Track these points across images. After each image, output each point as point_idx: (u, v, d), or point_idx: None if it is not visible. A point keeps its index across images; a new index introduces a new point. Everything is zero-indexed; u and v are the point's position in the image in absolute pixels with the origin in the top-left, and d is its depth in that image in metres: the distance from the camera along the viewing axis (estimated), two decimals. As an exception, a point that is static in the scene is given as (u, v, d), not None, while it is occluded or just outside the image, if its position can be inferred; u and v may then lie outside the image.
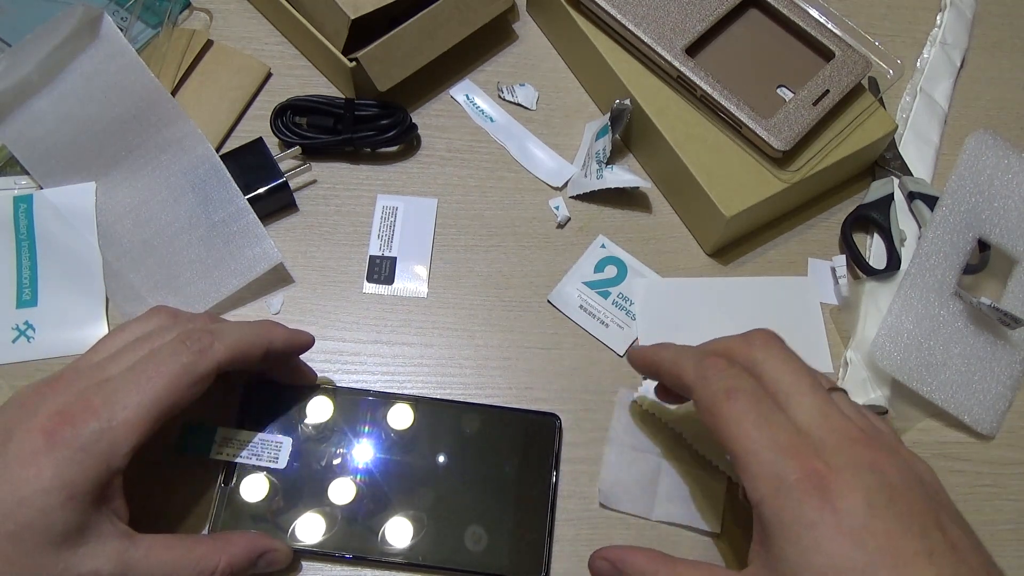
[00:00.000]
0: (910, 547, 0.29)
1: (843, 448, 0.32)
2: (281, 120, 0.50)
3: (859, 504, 0.30)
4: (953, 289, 0.48)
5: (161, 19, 0.52)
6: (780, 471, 0.31)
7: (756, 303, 0.49)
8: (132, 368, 0.34)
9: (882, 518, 0.30)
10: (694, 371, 0.36)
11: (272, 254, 0.46)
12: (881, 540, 0.29)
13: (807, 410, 0.33)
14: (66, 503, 0.31)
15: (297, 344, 0.40)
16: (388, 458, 0.41)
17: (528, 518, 0.41)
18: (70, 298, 0.46)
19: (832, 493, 0.30)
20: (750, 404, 0.33)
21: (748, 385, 0.34)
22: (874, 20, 0.59)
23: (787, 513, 0.31)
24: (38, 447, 0.31)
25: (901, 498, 0.31)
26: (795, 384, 0.34)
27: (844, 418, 0.33)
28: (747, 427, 0.33)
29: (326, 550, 0.39)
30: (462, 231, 0.50)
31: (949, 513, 0.32)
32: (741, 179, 0.47)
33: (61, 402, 0.32)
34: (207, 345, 0.35)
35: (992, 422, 0.47)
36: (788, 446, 0.32)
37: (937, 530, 0.30)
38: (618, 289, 0.49)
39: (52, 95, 0.46)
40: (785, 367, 0.35)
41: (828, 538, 0.29)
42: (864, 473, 0.31)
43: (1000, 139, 0.51)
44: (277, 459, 0.41)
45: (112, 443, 0.32)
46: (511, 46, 0.56)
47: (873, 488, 0.30)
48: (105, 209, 0.47)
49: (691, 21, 0.49)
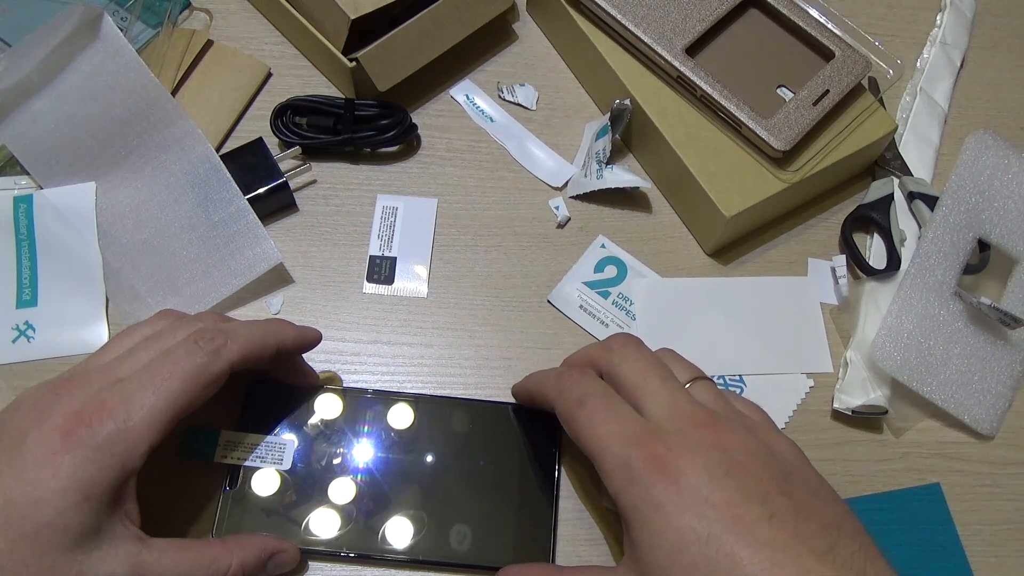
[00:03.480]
0: (751, 513, 0.30)
1: (687, 432, 0.33)
2: (281, 120, 0.50)
3: (699, 479, 0.31)
4: (953, 289, 0.48)
5: (161, 19, 0.52)
6: (628, 460, 0.33)
7: (756, 303, 0.49)
8: (146, 368, 0.34)
9: (722, 489, 0.31)
10: (554, 387, 0.38)
11: (272, 254, 0.46)
12: (722, 510, 0.30)
13: (657, 403, 0.35)
14: (82, 504, 0.31)
15: (307, 341, 0.40)
16: (391, 456, 0.41)
17: (533, 513, 0.41)
18: (70, 298, 0.46)
19: (674, 473, 0.31)
20: (599, 406, 0.35)
21: (598, 389, 0.36)
22: (874, 20, 0.59)
23: (638, 499, 0.32)
24: (55, 447, 0.31)
25: (742, 469, 0.32)
26: (646, 380, 0.36)
27: (693, 405, 0.34)
28: (597, 426, 0.34)
29: (332, 549, 0.39)
30: (462, 231, 0.50)
31: (802, 481, 0.33)
32: (741, 179, 0.47)
33: (77, 403, 0.32)
34: (220, 345, 0.35)
35: (992, 422, 0.47)
36: (634, 436, 0.33)
37: (782, 496, 0.31)
38: (618, 289, 0.49)
39: (52, 95, 0.46)
40: (637, 366, 0.36)
41: (674, 515, 0.31)
42: (705, 451, 0.32)
43: (1000, 139, 0.51)
44: (282, 461, 0.41)
45: (128, 444, 0.32)
46: (511, 46, 0.56)
47: (713, 463, 0.32)
48: (105, 209, 0.47)
49: (691, 21, 0.49)
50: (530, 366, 0.46)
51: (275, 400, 0.42)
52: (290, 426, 0.41)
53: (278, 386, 0.42)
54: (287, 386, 0.42)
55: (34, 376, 0.44)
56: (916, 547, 0.43)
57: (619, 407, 0.35)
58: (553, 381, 0.38)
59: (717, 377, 0.47)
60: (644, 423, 0.34)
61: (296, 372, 0.42)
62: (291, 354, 0.40)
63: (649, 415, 0.34)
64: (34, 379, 0.44)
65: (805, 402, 0.47)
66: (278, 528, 0.39)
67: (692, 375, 0.37)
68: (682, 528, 0.30)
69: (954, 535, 0.44)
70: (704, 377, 0.38)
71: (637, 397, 0.35)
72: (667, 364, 0.37)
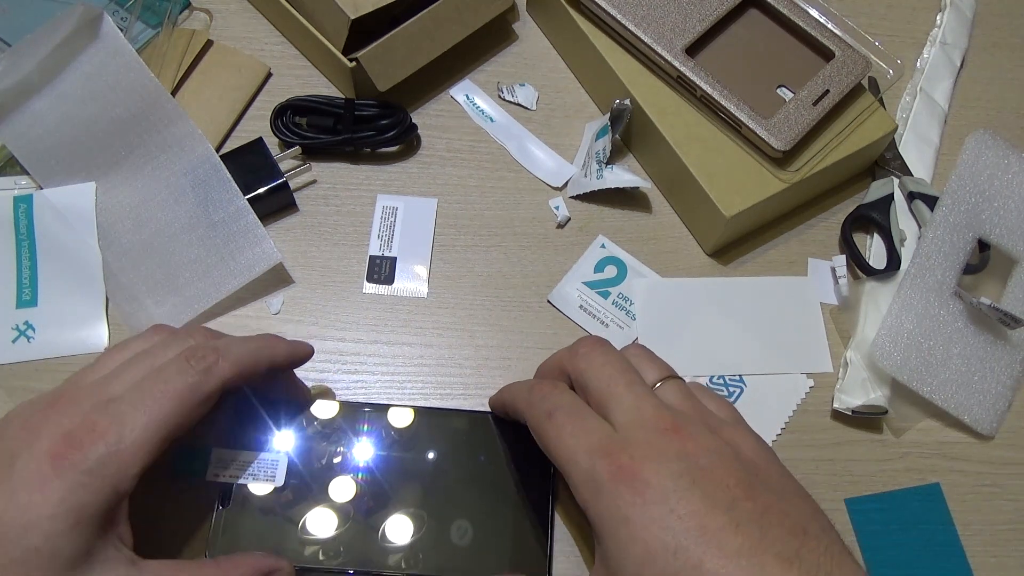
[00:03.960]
0: (716, 522, 0.30)
1: (651, 440, 0.33)
2: (281, 120, 0.50)
3: (665, 490, 0.31)
4: (953, 289, 0.48)
5: (161, 19, 0.52)
6: (594, 473, 0.32)
7: (756, 303, 0.49)
8: (138, 387, 0.33)
9: (687, 500, 0.31)
10: (525, 401, 0.38)
11: (272, 254, 0.46)
12: (687, 521, 0.30)
13: (623, 410, 0.34)
14: (73, 528, 0.30)
15: (298, 357, 0.40)
16: (386, 470, 0.41)
17: (530, 520, 0.40)
18: (70, 298, 0.46)
19: (639, 484, 0.31)
20: (567, 418, 0.35)
21: (566, 401, 0.36)
22: (874, 20, 0.59)
23: (605, 512, 0.32)
24: (45, 472, 0.30)
25: (706, 477, 0.32)
26: (611, 387, 0.35)
27: (659, 410, 0.34)
28: (565, 439, 0.34)
29: (327, 566, 0.39)
30: (462, 231, 0.50)
31: (767, 482, 0.33)
32: (741, 179, 0.47)
33: (67, 424, 0.32)
34: (212, 363, 0.34)
35: (992, 422, 0.47)
36: (600, 448, 0.33)
37: (747, 500, 0.31)
38: (618, 289, 0.49)
39: (52, 95, 0.46)
40: (603, 372, 0.36)
41: (640, 527, 0.31)
42: (669, 461, 0.32)
43: (1000, 139, 0.51)
44: (274, 476, 0.40)
45: (120, 466, 0.31)
46: (511, 46, 0.56)
47: (677, 473, 0.32)
48: (105, 209, 0.47)
49: (691, 21, 0.49)
50: (530, 366, 0.46)
51: (267, 416, 0.41)
52: (282, 442, 0.41)
53: (270, 401, 0.41)
54: (279, 401, 0.41)
55: (34, 376, 0.44)
56: (916, 547, 0.43)
57: (586, 418, 0.35)
58: (524, 394, 0.38)
59: (717, 377, 0.47)
60: (610, 433, 0.34)
61: (288, 387, 0.42)
62: (283, 370, 0.40)
63: (616, 423, 0.34)
64: (34, 379, 0.44)
65: (805, 402, 0.47)
66: (273, 546, 0.39)
67: (661, 374, 0.37)
68: (649, 540, 0.30)
69: (954, 535, 0.44)
70: (673, 376, 0.37)
71: (604, 404, 0.35)
72: (636, 365, 0.37)
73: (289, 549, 0.39)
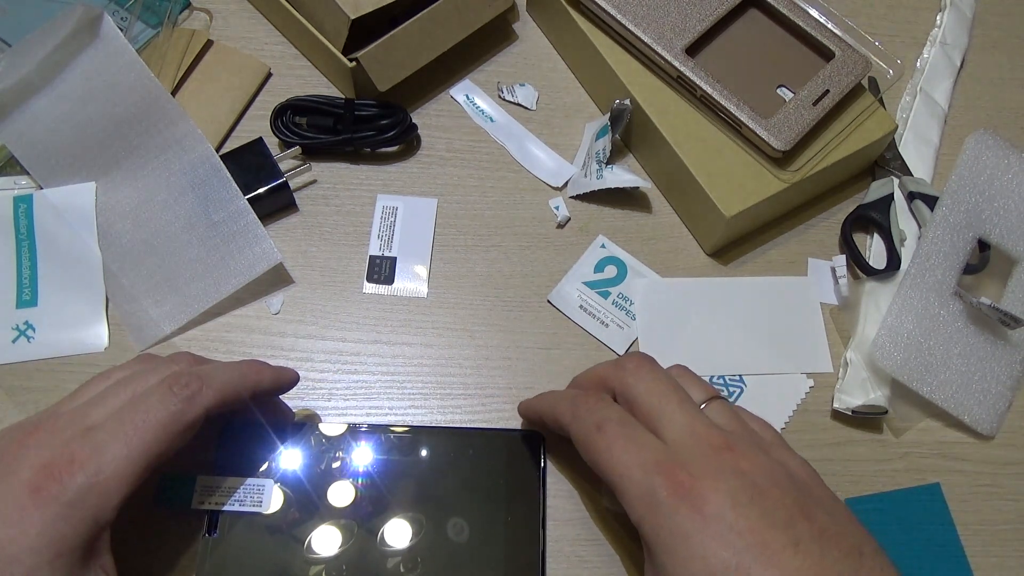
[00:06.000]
0: (777, 540, 0.30)
1: (708, 457, 0.33)
2: (281, 120, 0.50)
3: (723, 507, 0.31)
4: (953, 289, 0.48)
5: (161, 19, 0.52)
6: (651, 489, 0.32)
7: (756, 303, 0.49)
8: (118, 415, 0.33)
9: (747, 516, 0.31)
10: (569, 412, 0.37)
11: (272, 254, 0.46)
12: (748, 537, 0.30)
13: (675, 427, 0.34)
14: (54, 561, 0.30)
15: (283, 383, 0.39)
16: (375, 493, 0.40)
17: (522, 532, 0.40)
18: (70, 298, 0.46)
19: (698, 501, 0.31)
20: (618, 432, 0.35)
21: (616, 415, 0.36)
22: (874, 20, 0.59)
23: (662, 528, 0.32)
24: (23, 504, 0.30)
25: (764, 495, 0.32)
26: (663, 404, 0.35)
27: (710, 428, 0.34)
28: (617, 453, 0.34)
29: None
30: (462, 231, 0.50)
31: (820, 502, 0.33)
32: (741, 179, 0.47)
33: (46, 455, 0.31)
34: (196, 391, 0.34)
35: (992, 422, 0.47)
36: (656, 464, 0.33)
37: (804, 520, 0.31)
38: (618, 289, 0.49)
39: (52, 95, 0.46)
40: (654, 388, 0.36)
41: (700, 544, 0.31)
42: (727, 477, 0.32)
43: (1000, 139, 0.52)
44: (261, 503, 0.39)
45: (100, 497, 0.31)
46: (511, 46, 0.56)
47: (736, 489, 0.32)
48: (105, 209, 0.47)
49: (691, 21, 0.49)
50: (530, 366, 0.46)
51: (252, 441, 0.40)
52: (269, 467, 0.40)
53: (255, 426, 0.40)
54: (264, 425, 0.41)
55: (34, 376, 0.44)
56: (916, 547, 0.43)
57: (638, 433, 0.35)
58: (567, 405, 0.38)
59: (717, 377, 0.47)
60: (664, 449, 0.34)
61: (273, 410, 0.41)
62: (268, 396, 0.39)
63: (668, 440, 0.34)
64: (34, 379, 0.44)
65: (805, 402, 0.47)
66: (261, 573, 0.38)
67: (707, 395, 0.37)
68: (709, 557, 0.30)
69: (954, 535, 0.44)
70: (718, 396, 0.37)
71: (655, 421, 0.35)
72: (682, 384, 0.37)
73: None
